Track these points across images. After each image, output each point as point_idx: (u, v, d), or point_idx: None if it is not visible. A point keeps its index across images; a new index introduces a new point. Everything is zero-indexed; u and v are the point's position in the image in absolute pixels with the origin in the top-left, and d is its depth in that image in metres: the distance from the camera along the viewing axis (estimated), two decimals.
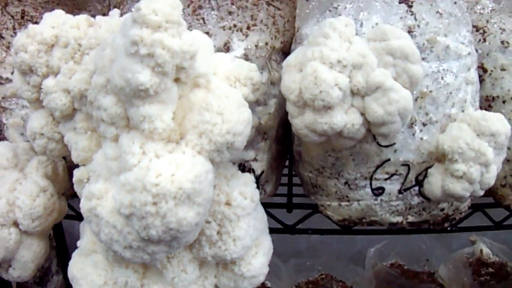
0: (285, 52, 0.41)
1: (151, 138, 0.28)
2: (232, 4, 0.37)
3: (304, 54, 0.32)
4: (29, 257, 0.38)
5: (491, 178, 0.33)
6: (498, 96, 0.39)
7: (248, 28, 0.38)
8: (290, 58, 0.33)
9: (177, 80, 0.29)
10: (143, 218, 0.27)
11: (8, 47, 0.41)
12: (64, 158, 0.41)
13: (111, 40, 0.29)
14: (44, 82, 0.33)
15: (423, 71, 0.32)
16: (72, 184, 0.35)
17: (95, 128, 0.33)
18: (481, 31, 0.41)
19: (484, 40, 0.41)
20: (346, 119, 0.31)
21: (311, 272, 0.65)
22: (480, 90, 0.39)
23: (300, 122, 0.32)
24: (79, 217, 0.44)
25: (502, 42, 0.40)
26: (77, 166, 0.41)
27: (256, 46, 0.38)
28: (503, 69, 0.39)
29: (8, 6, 0.41)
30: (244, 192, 0.33)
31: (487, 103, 0.40)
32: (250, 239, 0.33)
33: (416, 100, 0.34)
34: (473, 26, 0.41)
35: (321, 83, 0.30)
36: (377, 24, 0.35)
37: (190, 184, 0.27)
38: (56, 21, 0.34)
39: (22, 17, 0.41)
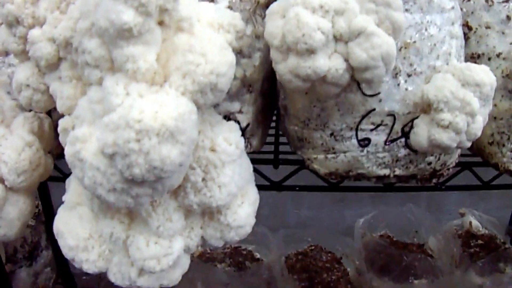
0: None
1: (134, 78, 0.29)
2: None
3: (287, 0, 0.32)
4: (15, 214, 0.38)
5: (477, 128, 0.34)
6: (483, 53, 0.40)
7: None
8: (273, 5, 0.33)
9: (160, 23, 0.29)
10: (126, 156, 0.27)
11: None
12: (50, 116, 0.41)
13: None
14: (30, 32, 0.33)
15: (406, 20, 0.33)
16: (58, 143, 0.35)
17: (80, 76, 0.33)
18: None
19: None
20: (329, 63, 0.32)
21: (301, 244, 0.66)
22: (465, 48, 0.40)
23: (283, 67, 0.33)
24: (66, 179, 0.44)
25: (486, 1, 0.40)
26: None
27: None
28: (487, 27, 0.40)
29: None
30: (229, 138, 0.33)
31: (472, 61, 0.41)
32: (236, 187, 0.33)
33: (400, 50, 0.35)
34: None
35: (303, 26, 0.30)
36: None
37: (173, 122, 0.27)
38: None
39: None
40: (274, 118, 0.47)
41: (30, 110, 0.40)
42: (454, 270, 0.60)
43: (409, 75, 0.36)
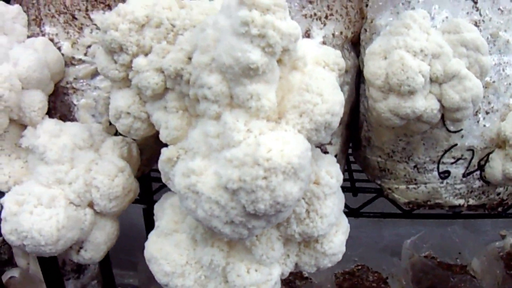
0: (354, 42, 0.44)
1: (256, 116, 0.31)
2: None
3: (388, 43, 0.35)
4: (102, 238, 0.40)
5: None
6: None
7: (326, 17, 0.41)
8: (374, 46, 0.36)
9: (278, 61, 0.32)
10: (253, 192, 0.29)
11: (81, 28, 0.43)
12: (134, 140, 0.43)
13: (212, 22, 0.32)
14: (135, 61, 0.35)
15: (490, 60, 0.36)
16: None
17: (186, 107, 0.35)
18: None
19: None
20: (426, 104, 0.35)
21: (348, 263, 0.69)
22: None
23: (384, 106, 0.35)
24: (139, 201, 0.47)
25: None
26: (145, 148, 0.43)
27: (333, 34, 0.41)
28: None
29: None
30: (330, 172, 0.36)
31: None
32: (334, 217, 0.36)
33: None
34: None
35: (407, 70, 0.33)
36: (446, 17, 0.38)
37: (297, 160, 0.30)
38: (144, 1, 0.37)
39: (97, 1, 0.44)
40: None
41: (116, 134, 0.43)
42: None
43: (487, 113, 0.39)
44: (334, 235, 0.37)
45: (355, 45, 0.45)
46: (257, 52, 0.29)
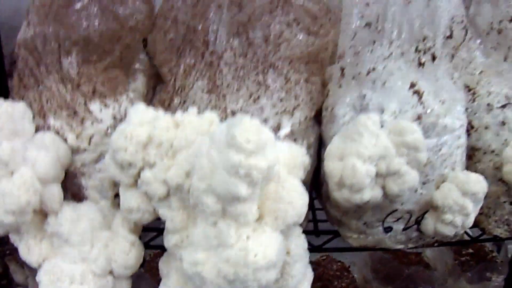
0: (316, 116, 0.62)
1: (243, 225, 0.50)
2: (282, 90, 0.57)
3: (344, 148, 0.53)
4: None
5: (470, 223, 0.58)
6: (480, 148, 0.64)
7: (294, 109, 0.58)
8: (332, 147, 0.54)
9: None
10: (244, 282, 0.49)
11: (83, 121, 0.57)
12: None
13: (205, 151, 0.49)
14: (143, 174, 0.52)
15: (427, 154, 0.55)
16: None
17: (186, 206, 0.53)
18: (472, 92, 0.64)
19: (474, 100, 0.64)
20: (372, 193, 0.54)
21: (314, 255, 0.92)
22: (467, 140, 0.63)
23: (339, 195, 0.55)
24: None
25: (488, 104, 0.63)
26: None
27: (299, 122, 0.58)
28: (486, 127, 0.63)
29: (81, 87, 0.58)
30: (298, 244, 0.56)
31: (471, 152, 0.64)
32: (302, 275, 0.57)
33: None
34: (466, 86, 0.64)
35: (358, 174, 0.52)
36: (395, 112, 0.56)
37: (275, 257, 0.49)
38: (142, 117, 0.53)
39: (93, 93, 0.58)
40: None
41: None
42: (448, 279, 0.91)
43: (424, 183, 0.59)
44: (301, 286, 0.58)
45: (317, 116, 0.62)
46: (244, 186, 0.47)
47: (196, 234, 0.52)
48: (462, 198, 0.57)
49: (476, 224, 0.67)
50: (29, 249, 0.58)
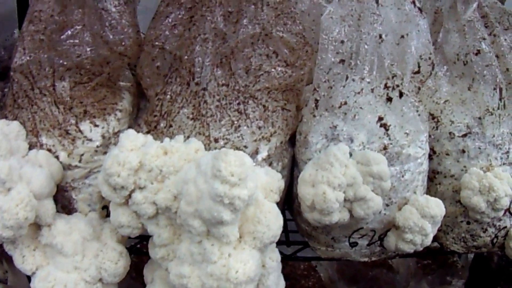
0: (291, 138, 0.75)
1: (226, 244, 0.63)
2: (261, 118, 0.69)
3: (316, 176, 0.66)
4: None
5: (428, 241, 0.73)
6: (441, 172, 0.78)
7: (270, 135, 0.70)
8: (305, 174, 0.68)
9: None
10: None
11: (74, 140, 0.69)
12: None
13: (192, 178, 0.61)
14: (134, 196, 0.64)
15: (390, 183, 0.69)
16: None
17: (173, 224, 0.66)
18: (435, 120, 0.78)
19: (437, 128, 0.78)
20: (340, 216, 0.68)
21: None
22: (429, 164, 0.78)
23: (310, 216, 0.68)
24: None
25: (449, 133, 0.77)
26: None
27: (275, 146, 0.71)
28: (447, 154, 0.77)
29: (73, 109, 0.69)
30: (272, 257, 0.69)
31: (433, 175, 0.79)
32: (274, 285, 0.71)
33: None
34: (431, 114, 0.78)
35: (327, 201, 0.66)
36: (363, 142, 0.69)
37: (253, 273, 0.63)
38: (133, 143, 0.64)
39: (84, 114, 0.69)
40: None
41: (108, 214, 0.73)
42: (410, 281, 1.07)
43: (387, 205, 0.73)
44: None
45: (291, 138, 0.75)
46: (227, 213, 0.60)
47: (182, 250, 0.65)
48: (421, 220, 0.72)
49: (435, 239, 0.82)
50: (24, 258, 0.70)
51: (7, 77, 0.92)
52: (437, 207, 0.72)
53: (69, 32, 0.69)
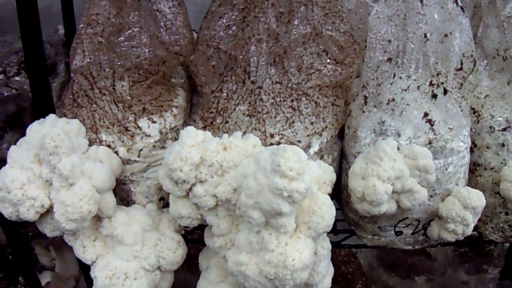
0: (339, 132, 0.84)
1: (283, 234, 0.72)
2: (313, 114, 0.79)
3: (366, 169, 0.76)
4: (165, 285, 0.84)
5: (469, 231, 0.83)
6: (481, 164, 0.87)
7: (322, 130, 0.80)
8: (356, 167, 0.77)
9: None
10: (283, 281, 0.72)
11: (133, 136, 0.78)
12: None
13: (251, 172, 0.71)
14: (195, 189, 0.74)
15: (435, 176, 0.78)
16: None
17: (231, 214, 0.75)
18: (476, 114, 0.87)
19: (478, 122, 0.87)
20: (388, 207, 0.77)
21: None
22: (470, 156, 0.87)
23: (360, 207, 0.78)
24: None
25: (490, 127, 0.86)
26: None
27: (327, 140, 0.81)
28: (487, 147, 0.86)
29: (132, 107, 0.78)
30: (324, 246, 0.79)
31: (474, 167, 0.88)
32: (325, 271, 0.81)
33: None
34: (471, 108, 0.87)
35: (377, 193, 0.75)
36: (409, 137, 0.79)
37: (308, 261, 0.73)
38: (193, 140, 0.74)
39: (143, 112, 0.78)
40: None
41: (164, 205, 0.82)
42: (447, 269, 1.17)
43: (431, 196, 0.82)
44: (325, 279, 0.82)
45: (340, 131, 0.84)
46: (286, 205, 0.69)
47: (241, 239, 0.75)
48: (463, 210, 0.81)
49: (475, 229, 0.92)
50: (84, 249, 0.80)
51: (54, 72, 1.02)
52: (478, 199, 0.81)
53: (127, 34, 0.78)
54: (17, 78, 0.99)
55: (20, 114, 0.98)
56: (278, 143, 0.78)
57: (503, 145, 0.86)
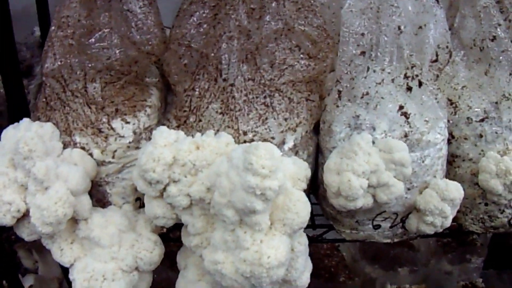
0: (315, 127, 0.83)
1: (257, 231, 0.72)
2: (286, 110, 0.78)
3: (340, 164, 0.75)
4: (144, 285, 0.83)
5: (448, 223, 0.82)
6: (459, 156, 0.87)
7: (296, 126, 0.79)
8: (330, 163, 0.76)
9: None
10: (259, 279, 0.72)
11: (106, 137, 0.77)
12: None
13: (224, 171, 0.70)
14: (168, 189, 0.73)
15: (411, 169, 0.78)
16: None
17: (206, 213, 0.75)
18: (454, 105, 0.86)
19: (455, 113, 0.86)
20: (364, 201, 0.77)
21: None
22: (448, 148, 0.86)
23: (335, 202, 0.78)
24: None
25: (467, 118, 0.85)
26: None
27: (301, 136, 0.80)
28: (465, 138, 0.86)
29: (104, 108, 0.77)
30: (301, 241, 0.78)
31: (452, 158, 0.88)
32: (303, 267, 0.80)
33: None
34: (448, 100, 0.86)
35: (352, 188, 0.74)
36: (385, 131, 0.78)
37: (284, 258, 0.72)
38: (166, 139, 0.73)
39: (116, 113, 0.78)
40: None
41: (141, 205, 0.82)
42: (430, 259, 1.17)
43: (409, 189, 0.82)
44: (303, 275, 0.82)
45: (315, 126, 0.84)
46: (259, 203, 0.69)
47: (216, 238, 0.75)
48: (441, 203, 0.81)
49: (454, 220, 0.91)
50: (62, 252, 0.80)
51: (31, 75, 1.01)
52: (456, 191, 0.81)
53: (98, 36, 0.77)
54: None
55: None
56: (252, 141, 0.77)
57: (481, 136, 0.85)
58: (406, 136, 0.79)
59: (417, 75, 0.78)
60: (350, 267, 1.21)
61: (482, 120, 0.85)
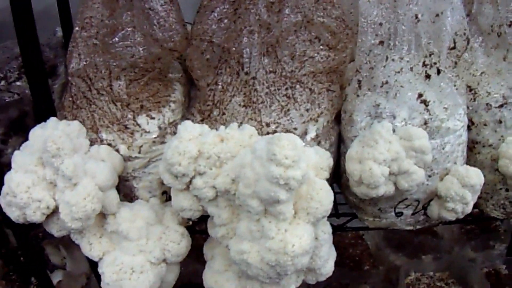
0: (336, 117, 0.84)
1: (282, 221, 0.74)
2: (308, 101, 0.79)
3: (362, 153, 0.76)
4: (172, 277, 0.85)
5: (469, 209, 0.83)
6: (479, 142, 0.87)
7: (318, 116, 0.80)
8: (352, 152, 0.78)
9: None
10: (284, 267, 0.74)
11: (132, 133, 0.80)
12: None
13: (248, 162, 0.72)
14: (194, 181, 0.75)
15: (431, 156, 0.78)
16: None
17: (231, 204, 0.77)
18: (473, 92, 0.87)
19: (474, 99, 0.87)
20: (385, 189, 0.78)
21: None
22: (468, 134, 0.87)
23: (358, 190, 0.79)
24: None
25: (487, 104, 0.86)
26: None
27: (323, 126, 0.81)
28: (485, 124, 0.86)
29: (130, 105, 0.79)
30: (324, 230, 0.80)
31: (472, 145, 0.88)
32: (327, 255, 0.82)
33: None
34: (468, 86, 0.87)
35: (374, 176, 0.76)
36: (405, 118, 0.79)
37: (308, 246, 0.74)
38: (190, 133, 0.75)
39: (141, 109, 0.80)
40: None
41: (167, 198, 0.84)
42: (454, 246, 1.17)
43: (430, 176, 0.83)
44: (327, 263, 0.83)
45: (337, 116, 0.85)
46: (283, 192, 0.70)
47: (241, 228, 0.76)
48: (462, 189, 0.82)
49: (476, 206, 0.92)
50: (91, 246, 0.82)
51: (55, 75, 1.03)
52: (476, 177, 0.82)
53: (121, 35, 0.79)
54: (18, 83, 1.01)
55: (23, 119, 1.00)
56: (274, 132, 0.79)
57: (500, 121, 0.86)
58: (426, 123, 0.79)
59: (435, 63, 0.79)
60: (375, 256, 1.23)
61: (501, 106, 0.85)
